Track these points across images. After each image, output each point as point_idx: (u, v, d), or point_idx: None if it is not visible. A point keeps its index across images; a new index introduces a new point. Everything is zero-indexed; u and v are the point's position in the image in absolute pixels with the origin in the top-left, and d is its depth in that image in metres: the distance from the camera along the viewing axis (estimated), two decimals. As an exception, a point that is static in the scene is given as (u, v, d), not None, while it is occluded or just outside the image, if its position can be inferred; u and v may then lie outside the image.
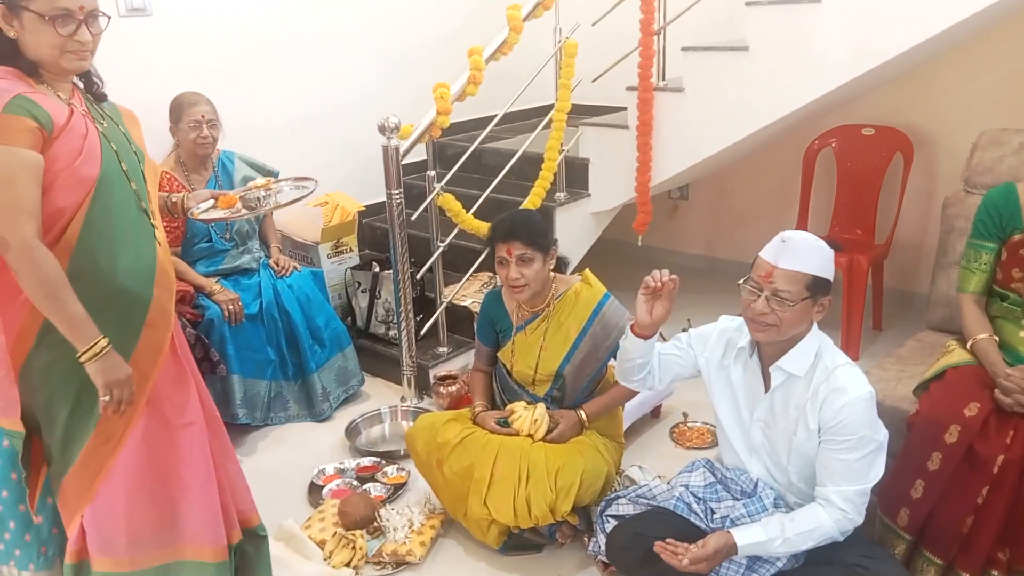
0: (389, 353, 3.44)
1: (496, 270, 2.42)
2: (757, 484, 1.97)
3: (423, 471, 2.51)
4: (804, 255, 1.79)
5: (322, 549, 2.38)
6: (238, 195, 2.23)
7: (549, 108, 3.53)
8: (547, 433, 2.38)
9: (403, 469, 2.79)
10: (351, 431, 3.06)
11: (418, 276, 3.33)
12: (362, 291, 3.54)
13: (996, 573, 1.97)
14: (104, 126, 1.78)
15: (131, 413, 1.76)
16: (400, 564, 2.35)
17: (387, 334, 3.49)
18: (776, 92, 3.05)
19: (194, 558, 1.87)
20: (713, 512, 1.98)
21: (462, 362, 3.38)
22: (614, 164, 3.59)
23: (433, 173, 3.20)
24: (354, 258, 3.73)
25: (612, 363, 2.45)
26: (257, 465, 2.89)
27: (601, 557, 2.20)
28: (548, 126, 3.51)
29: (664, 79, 3.46)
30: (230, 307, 2.96)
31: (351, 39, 3.94)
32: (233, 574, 1.97)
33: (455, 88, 3.12)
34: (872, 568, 1.81)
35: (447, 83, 3.10)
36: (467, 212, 3.28)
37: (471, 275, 3.48)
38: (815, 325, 1.89)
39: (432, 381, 3.25)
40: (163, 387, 1.83)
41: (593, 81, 3.62)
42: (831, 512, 1.81)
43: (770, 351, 1.90)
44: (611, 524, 2.11)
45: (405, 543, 2.37)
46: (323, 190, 3.44)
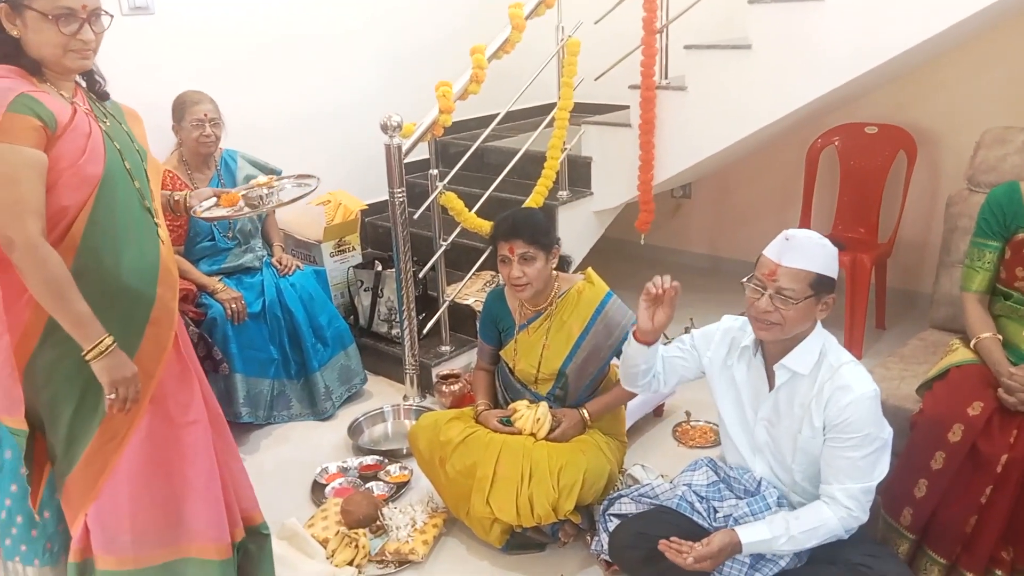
0: (392, 352, 3.44)
1: (499, 269, 2.42)
2: (760, 483, 1.96)
3: (426, 470, 2.51)
4: (808, 253, 1.79)
5: (325, 548, 2.38)
6: (241, 193, 2.22)
7: (551, 107, 3.53)
8: (550, 432, 2.38)
9: (406, 468, 2.79)
10: (354, 430, 3.06)
11: (420, 275, 3.33)
12: (365, 290, 3.54)
13: (999, 572, 1.97)
14: (107, 124, 1.78)
15: (135, 411, 1.77)
16: (403, 563, 2.35)
17: (390, 333, 3.49)
18: (779, 90, 3.04)
19: (198, 556, 1.87)
20: (716, 511, 1.98)
21: (464, 361, 3.38)
22: (617, 163, 3.58)
23: (435, 172, 3.20)
24: (357, 257, 3.74)
25: (615, 362, 2.45)
26: (260, 464, 2.89)
27: (604, 556, 2.20)
28: (550, 125, 3.50)
29: (667, 77, 3.45)
30: (233, 306, 2.96)
31: (353, 38, 3.94)
32: (236, 572, 1.97)
33: (457, 87, 3.11)
34: (875, 567, 1.81)
35: (449, 82, 3.10)
36: (469, 211, 3.28)
37: (473, 274, 3.48)
38: (819, 323, 1.88)
39: (435, 380, 3.24)
40: (167, 385, 1.83)
41: (595, 79, 3.62)
42: (836, 510, 1.80)
43: (774, 349, 1.90)
44: (614, 523, 2.11)
45: (408, 542, 2.37)
46: (326, 189, 3.45)
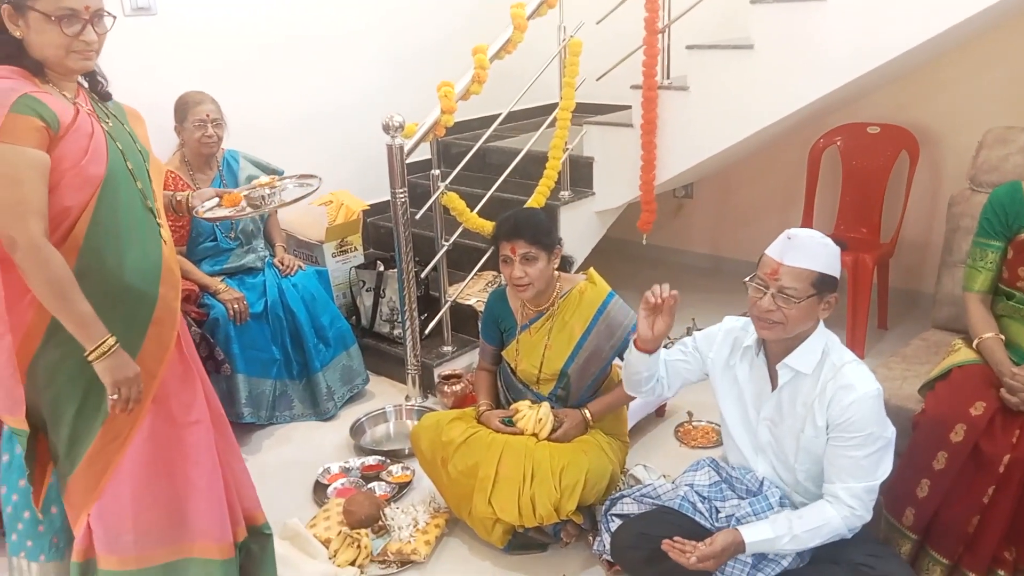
0: (394, 352, 3.44)
1: (500, 269, 2.42)
2: (763, 483, 1.96)
3: (428, 470, 2.51)
4: (810, 252, 1.79)
5: (327, 548, 2.38)
6: (243, 193, 2.23)
7: (553, 107, 3.53)
8: (551, 432, 2.38)
9: (408, 468, 2.79)
10: (356, 430, 3.07)
11: (422, 275, 3.33)
12: (367, 290, 3.55)
13: (1002, 573, 1.97)
14: (109, 125, 1.78)
15: (138, 412, 1.77)
16: (405, 563, 2.35)
17: (391, 333, 3.49)
18: (781, 90, 3.04)
19: (201, 556, 1.87)
20: (718, 511, 1.98)
21: (466, 361, 3.38)
22: (618, 163, 3.58)
23: (437, 172, 3.20)
24: (359, 257, 3.74)
25: (617, 362, 2.45)
26: (262, 464, 2.89)
27: (606, 556, 2.19)
28: (552, 125, 3.50)
29: (668, 77, 3.45)
30: (235, 306, 2.96)
31: (355, 38, 3.94)
32: (238, 572, 1.97)
33: (459, 87, 3.11)
34: (878, 567, 1.81)
35: (451, 82, 3.10)
36: (471, 211, 3.28)
37: (475, 274, 3.48)
38: (821, 323, 1.88)
39: (436, 380, 3.25)
40: (170, 385, 1.83)
41: (597, 80, 3.62)
42: (839, 509, 1.80)
43: (776, 349, 1.90)
44: (616, 523, 2.11)
45: (410, 542, 2.37)
46: (327, 189, 3.44)
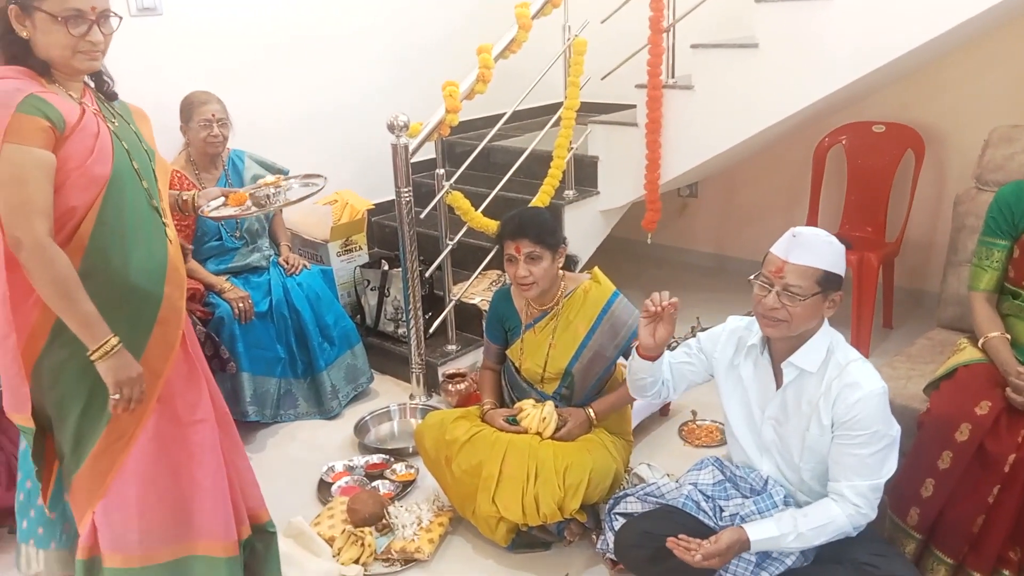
0: (398, 351, 3.45)
1: (505, 268, 2.42)
2: (767, 481, 1.96)
3: (432, 469, 2.51)
4: (815, 250, 1.79)
5: (331, 546, 2.38)
6: (248, 193, 2.23)
7: (558, 106, 3.53)
8: (556, 431, 2.38)
9: (412, 466, 2.80)
10: (360, 428, 3.07)
11: (427, 274, 3.33)
12: (371, 289, 3.55)
13: (1007, 572, 1.96)
14: (115, 125, 1.78)
15: (142, 410, 1.78)
16: (409, 561, 2.36)
17: (396, 332, 3.50)
18: (786, 89, 3.03)
19: (205, 554, 1.88)
20: (722, 510, 1.98)
21: (471, 360, 3.38)
22: (623, 162, 3.58)
23: (442, 171, 3.20)
24: (363, 256, 3.74)
25: (621, 361, 2.45)
26: (266, 462, 2.90)
27: (609, 555, 2.19)
28: (557, 124, 3.50)
29: (673, 76, 3.45)
30: (240, 305, 2.97)
31: (360, 38, 3.94)
32: (243, 570, 1.98)
33: (464, 86, 3.11)
34: (882, 567, 1.80)
35: (456, 81, 3.10)
36: (476, 210, 3.28)
37: (480, 273, 3.48)
38: (826, 321, 1.88)
39: (441, 379, 3.25)
40: (175, 384, 1.84)
41: (602, 79, 3.62)
42: (844, 507, 1.80)
43: (781, 347, 1.90)
44: (619, 522, 2.11)
45: (414, 540, 2.38)
46: (332, 188, 3.45)
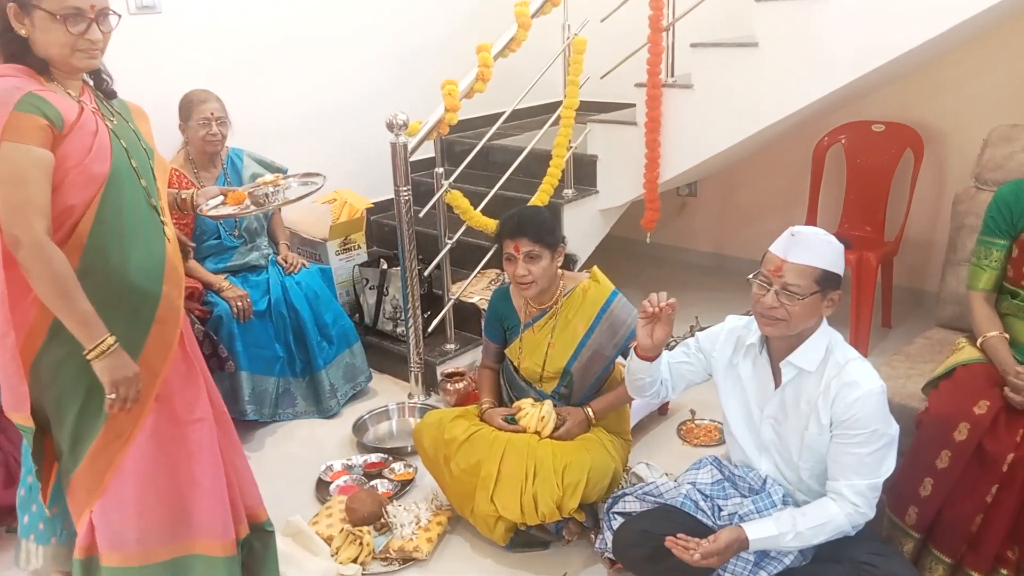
0: (397, 350, 3.44)
1: (504, 267, 2.42)
2: (766, 480, 1.96)
3: (430, 468, 2.51)
4: (814, 249, 1.79)
5: (329, 545, 2.38)
6: (247, 192, 2.23)
7: (557, 105, 3.52)
8: (554, 430, 2.38)
9: (410, 466, 2.80)
10: (358, 427, 3.07)
11: (426, 273, 3.33)
12: (370, 288, 3.55)
13: (1005, 572, 1.96)
14: (114, 123, 1.78)
15: (140, 409, 1.78)
16: (407, 560, 2.36)
17: (395, 331, 3.50)
18: (785, 88, 3.03)
19: (203, 553, 1.88)
20: (720, 510, 1.98)
21: (469, 359, 3.38)
22: (622, 161, 3.58)
23: (441, 170, 3.20)
24: (362, 255, 3.74)
25: (620, 360, 2.45)
26: (265, 461, 2.90)
27: (608, 554, 2.19)
28: (556, 123, 3.50)
29: (673, 75, 3.45)
30: (239, 304, 2.97)
31: (359, 37, 3.94)
32: (241, 569, 1.98)
33: (463, 85, 3.11)
34: (881, 566, 1.80)
35: (455, 80, 3.10)
36: (475, 209, 3.27)
37: (479, 272, 3.48)
38: (825, 320, 1.88)
39: (439, 378, 3.25)
40: (173, 383, 1.84)
41: (601, 78, 3.61)
42: (843, 506, 1.80)
43: (780, 347, 1.90)
44: (618, 521, 2.11)
45: (412, 539, 2.38)
46: (331, 187, 3.45)
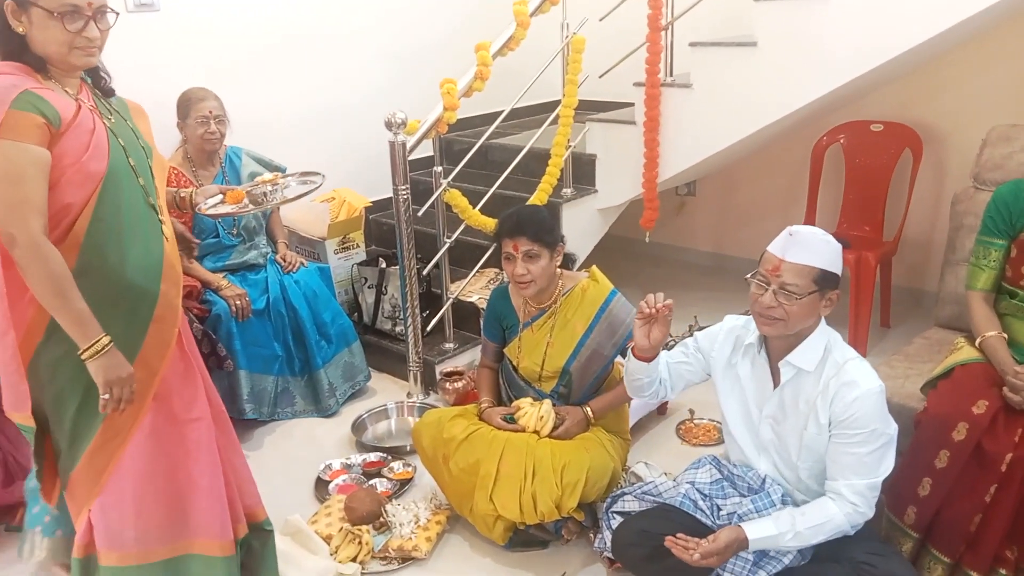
0: (395, 349, 3.44)
1: (503, 266, 2.42)
2: (765, 480, 1.96)
3: (429, 467, 2.51)
4: (811, 249, 1.79)
5: (328, 544, 2.38)
6: (245, 190, 2.23)
7: (556, 104, 3.52)
8: (553, 429, 2.38)
9: (409, 465, 2.80)
10: (357, 427, 3.07)
11: (424, 272, 3.33)
12: (369, 287, 3.55)
13: (1004, 572, 1.96)
14: (112, 121, 1.78)
15: (138, 408, 1.77)
16: (406, 559, 2.36)
17: (393, 330, 3.49)
18: (784, 88, 3.03)
19: (201, 552, 1.88)
20: (719, 509, 1.98)
21: (468, 358, 3.38)
22: (621, 160, 3.58)
23: (440, 169, 3.20)
24: (361, 254, 3.74)
25: (619, 360, 2.45)
26: (264, 460, 2.90)
27: (607, 553, 2.19)
28: (555, 122, 3.50)
29: (672, 75, 3.45)
30: (237, 302, 2.97)
31: (358, 35, 3.93)
32: (239, 569, 1.98)
33: (462, 84, 3.11)
34: (879, 566, 1.80)
35: (454, 79, 3.10)
36: (474, 208, 3.27)
37: (477, 271, 3.48)
38: (823, 320, 1.88)
39: (438, 377, 3.25)
40: (171, 382, 1.84)
41: (600, 77, 3.61)
42: (842, 506, 1.80)
43: (778, 346, 1.90)
44: (617, 521, 2.11)
45: (411, 538, 2.38)
46: (330, 186, 3.45)
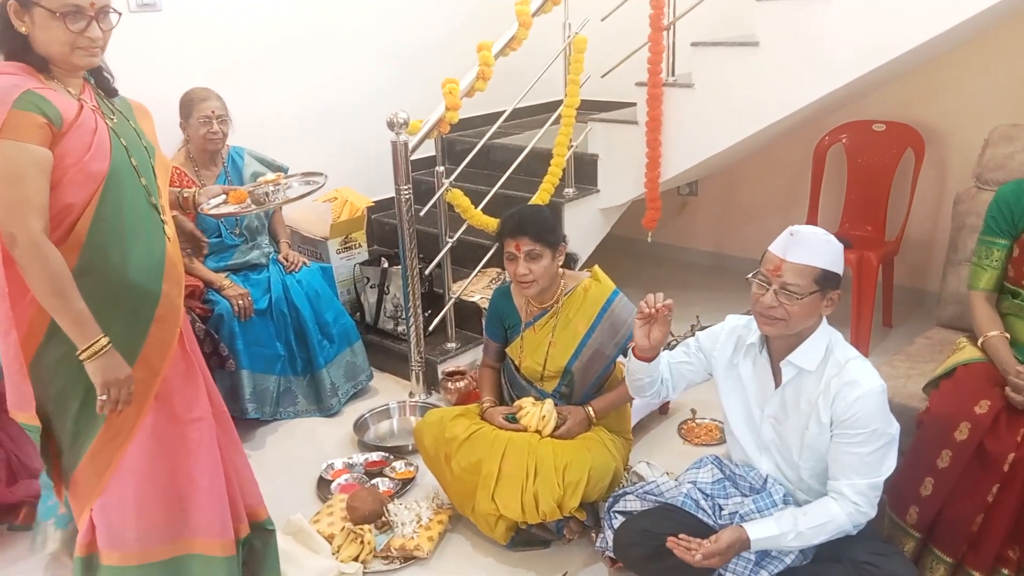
0: (397, 348, 3.45)
1: (505, 266, 2.42)
2: (766, 480, 1.96)
3: (431, 466, 2.51)
4: (813, 248, 1.79)
5: (330, 543, 2.39)
6: (248, 190, 2.23)
7: (558, 104, 3.52)
8: (555, 429, 2.38)
9: (411, 464, 2.80)
10: (359, 426, 3.07)
11: (427, 272, 3.33)
12: (371, 287, 3.55)
13: (1006, 571, 1.96)
14: (114, 121, 1.78)
15: (140, 408, 1.78)
16: (408, 559, 2.36)
17: (395, 330, 3.50)
18: (786, 87, 3.03)
19: (203, 552, 1.88)
20: (721, 508, 1.98)
21: (470, 358, 3.38)
22: (623, 160, 3.58)
23: (442, 169, 3.20)
24: (363, 254, 3.74)
25: (621, 360, 2.45)
26: (266, 460, 2.90)
27: (608, 553, 2.19)
28: (557, 122, 3.50)
29: (673, 75, 3.45)
30: (239, 302, 2.97)
31: (360, 36, 3.94)
32: (241, 568, 1.98)
33: (464, 83, 3.11)
34: (882, 566, 1.80)
35: (456, 79, 3.10)
36: (476, 208, 3.28)
37: (480, 271, 3.48)
38: (824, 320, 1.88)
39: (440, 377, 3.25)
40: (172, 382, 1.84)
41: (602, 77, 3.61)
42: (844, 505, 1.80)
43: (780, 346, 1.90)
44: (618, 520, 2.11)
45: (413, 538, 2.38)
46: (332, 186, 3.45)
